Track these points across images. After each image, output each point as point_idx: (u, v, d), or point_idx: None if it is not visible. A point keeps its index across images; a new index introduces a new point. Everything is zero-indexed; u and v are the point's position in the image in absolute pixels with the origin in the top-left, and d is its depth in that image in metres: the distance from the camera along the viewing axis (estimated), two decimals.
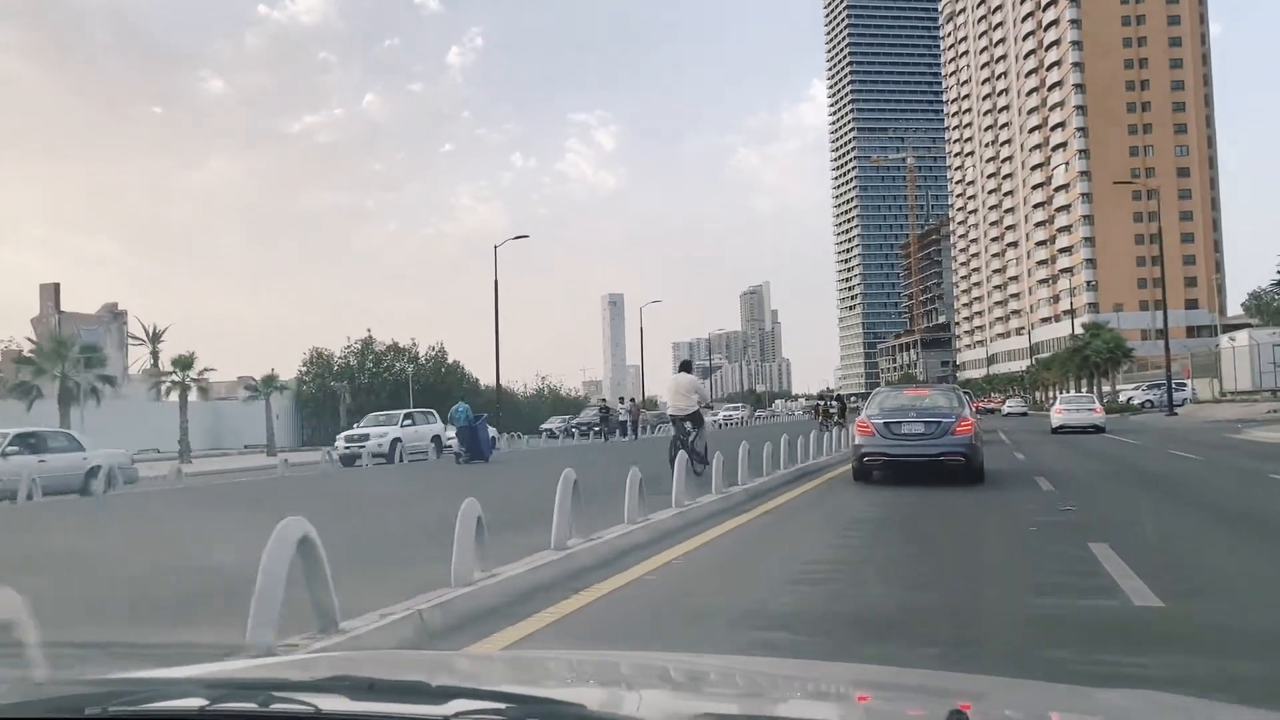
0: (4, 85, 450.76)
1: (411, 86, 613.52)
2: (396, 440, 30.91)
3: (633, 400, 51.58)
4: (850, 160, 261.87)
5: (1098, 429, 37.01)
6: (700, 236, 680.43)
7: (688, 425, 16.98)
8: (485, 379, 75.84)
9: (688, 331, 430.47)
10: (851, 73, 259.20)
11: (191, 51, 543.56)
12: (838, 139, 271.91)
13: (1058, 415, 39.10)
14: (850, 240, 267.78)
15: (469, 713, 1.43)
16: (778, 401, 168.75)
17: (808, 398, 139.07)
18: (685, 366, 18.51)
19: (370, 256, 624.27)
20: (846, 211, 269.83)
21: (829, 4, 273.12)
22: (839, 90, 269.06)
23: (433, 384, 61.72)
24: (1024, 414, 74.63)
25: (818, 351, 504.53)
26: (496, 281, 53.53)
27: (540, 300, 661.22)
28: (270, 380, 47.77)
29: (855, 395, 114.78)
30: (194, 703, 1.53)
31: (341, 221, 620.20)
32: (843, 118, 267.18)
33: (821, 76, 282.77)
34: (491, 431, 31.29)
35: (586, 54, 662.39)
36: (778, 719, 1.75)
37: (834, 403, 39.77)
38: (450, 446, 32.36)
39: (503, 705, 1.45)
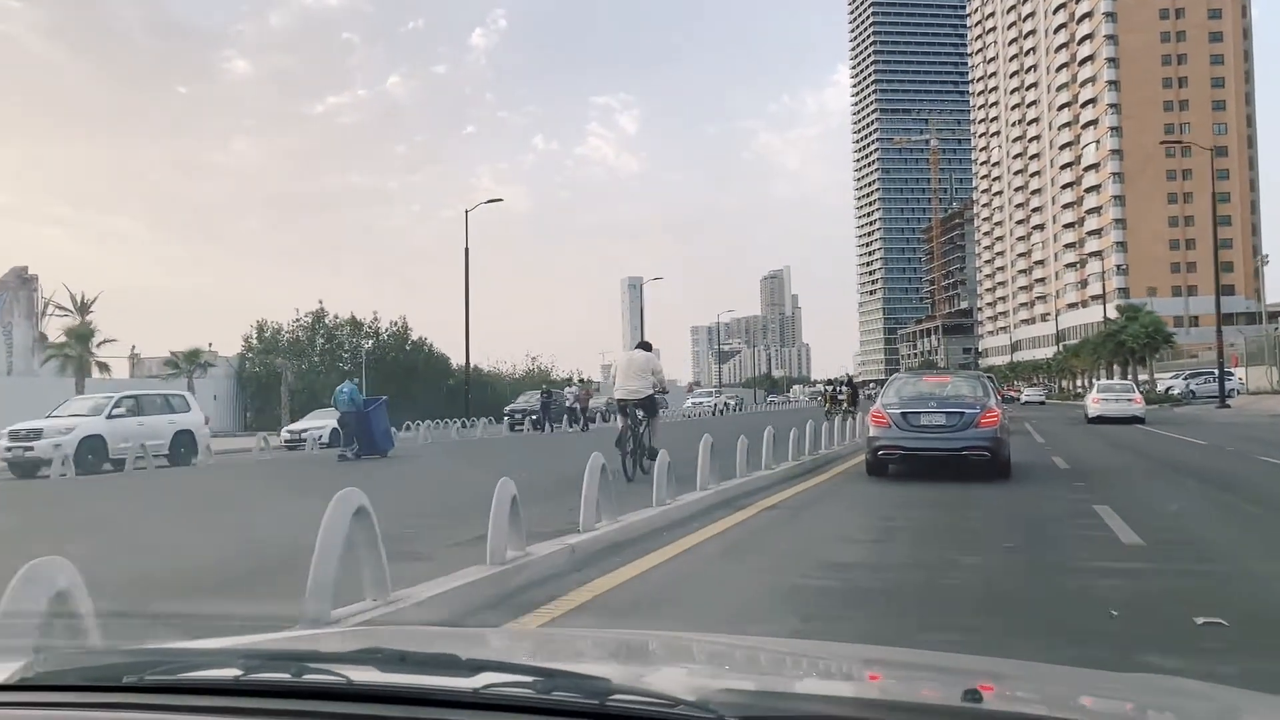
0: (29, 63, 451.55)
1: (435, 68, 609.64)
2: (93, 438, 21.63)
3: (581, 382, 44.39)
4: (873, 143, 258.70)
5: (1138, 420, 34.04)
6: (722, 221, 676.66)
7: (640, 413, 14.53)
8: (489, 360, 70.59)
9: (708, 315, 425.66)
10: (875, 53, 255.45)
11: (216, 31, 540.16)
12: (860, 121, 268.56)
13: (1095, 405, 36.12)
14: (871, 224, 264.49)
15: (497, 685, 1.46)
16: (796, 387, 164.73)
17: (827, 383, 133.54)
18: (644, 345, 15.75)
19: (391, 237, 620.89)
20: (868, 195, 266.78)
21: None
22: (862, 71, 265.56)
23: (396, 362, 55.52)
24: (1042, 402, 73.91)
25: (838, 337, 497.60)
26: (467, 250, 48.16)
27: (560, 283, 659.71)
28: (194, 355, 41.48)
29: (873, 382, 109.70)
30: (229, 673, 1.56)
31: (363, 203, 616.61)
32: (865, 99, 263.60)
33: (846, 60, 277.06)
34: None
35: (609, 37, 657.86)
36: (798, 694, 1.74)
37: (844, 388, 36.05)
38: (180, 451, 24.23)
39: (530, 678, 1.48)
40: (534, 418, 40.33)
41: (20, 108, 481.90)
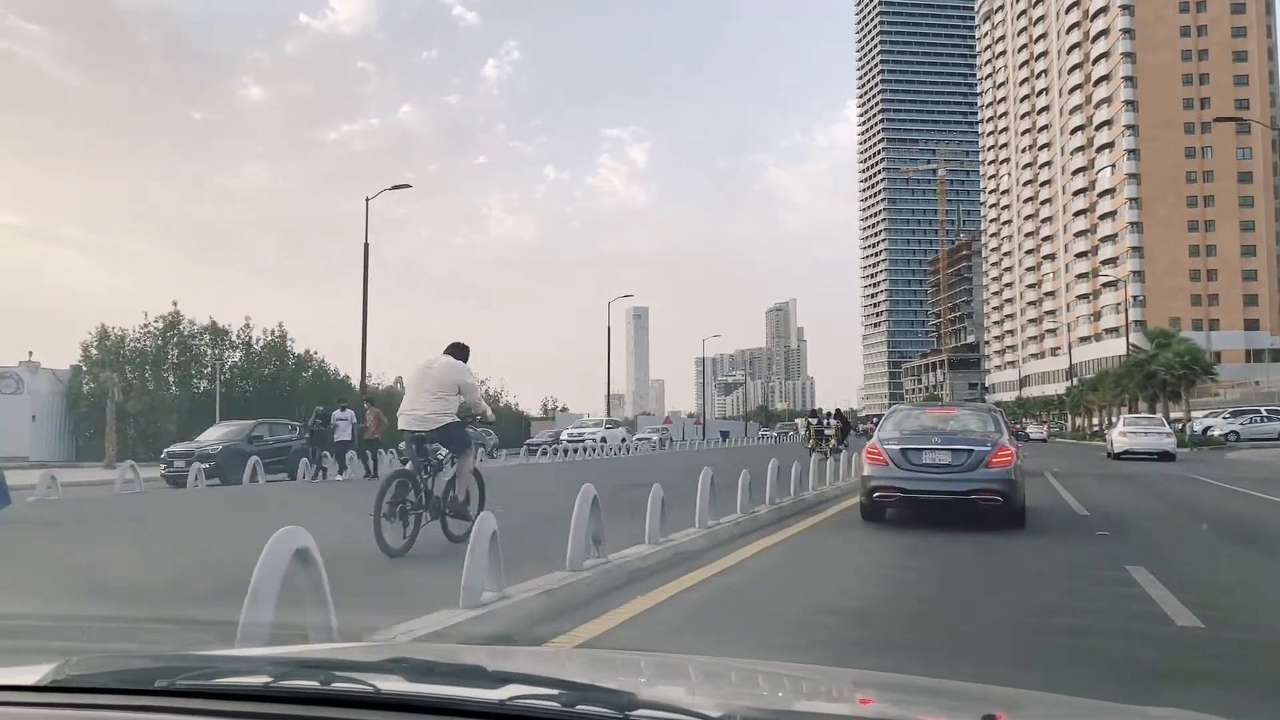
0: (49, 88, 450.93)
1: (448, 98, 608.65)
2: None
3: (368, 403, 27.16)
4: (880, 174, 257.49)
5: (1168, 456, 33.18)
6: (729, 253, 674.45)
7: (440, 451, 9.60)
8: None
9: (713, 347, 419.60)
10: (883, 83, 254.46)
11: (232, 58, 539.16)
12: (867, 152, 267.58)
13: (1121, 438, 34.88)
14: (877, 257, 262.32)
15: (523, 696, 1.47)
16: (798, 420, 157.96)
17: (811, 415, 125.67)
18: (456, 350, 10.04)
19: (400, 265, 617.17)
20: (874, 227, 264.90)
21: (860, 11, 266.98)
22: (869, 102, 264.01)
23: (274, 380, 47.22)
24: (1044, 440, 72.76)
25: (843, 371, 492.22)
26: (366, 245, 40.31)
27: (567, 313, 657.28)
28: None
29: (875, 417, 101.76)
30: (258, 679, 1.58)
31: (373, 229, 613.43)
32: (872, 130, 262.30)
33: (855, 94, 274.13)
34: None
35: (621, 71, 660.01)
36: (822, 714, 1.78)
37: (831, 421, 31.40)
38: None
39: (555, 691, 1.49)
40: (207, 466, 24.32)
41: (36, 130, 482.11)
